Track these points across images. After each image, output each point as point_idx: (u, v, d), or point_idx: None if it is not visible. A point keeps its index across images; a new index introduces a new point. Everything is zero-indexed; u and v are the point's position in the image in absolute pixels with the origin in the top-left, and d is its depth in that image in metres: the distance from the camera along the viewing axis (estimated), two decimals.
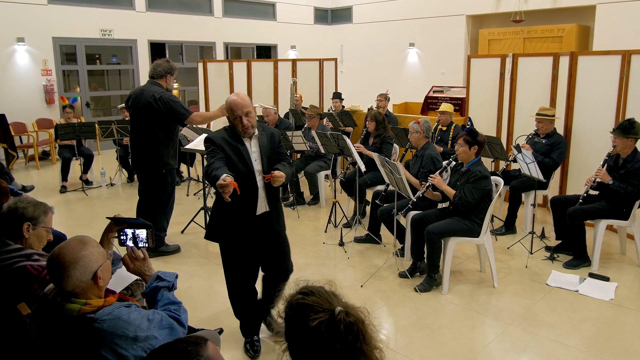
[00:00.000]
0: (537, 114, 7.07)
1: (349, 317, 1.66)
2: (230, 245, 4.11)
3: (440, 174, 5.66)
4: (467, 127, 7.89)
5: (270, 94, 11.82)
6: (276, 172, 3.86)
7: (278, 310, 1.81)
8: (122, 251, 3.12)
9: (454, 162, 5.65)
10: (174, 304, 2.75)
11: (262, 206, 4.07)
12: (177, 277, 2.93)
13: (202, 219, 7.34)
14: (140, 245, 2.96)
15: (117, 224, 3.06)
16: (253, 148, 4.01)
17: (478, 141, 5.36)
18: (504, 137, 8.38)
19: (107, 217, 3.16)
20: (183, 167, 10.49)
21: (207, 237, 4.18)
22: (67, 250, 2.43)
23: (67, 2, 13.15)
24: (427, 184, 5.59)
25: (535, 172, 6.13)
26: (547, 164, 6.77)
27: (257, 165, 4.01)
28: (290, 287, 1.84)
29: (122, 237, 3.01)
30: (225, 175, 3.53)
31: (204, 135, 7.27)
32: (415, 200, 5.72)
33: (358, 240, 6.80)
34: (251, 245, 4.10)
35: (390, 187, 6.27)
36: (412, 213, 5.82)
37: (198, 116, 6.27)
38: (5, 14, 12.25)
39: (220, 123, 9.35)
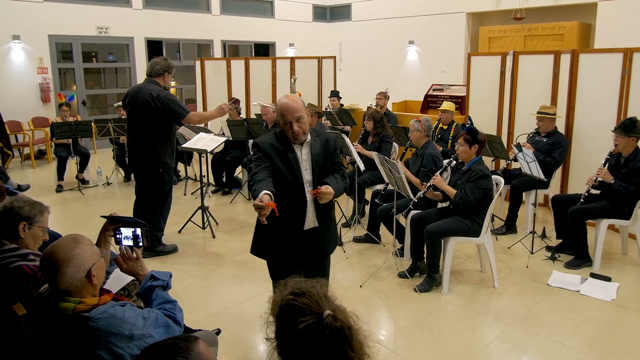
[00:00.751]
0: (538, 113, 7.07)
1: (336, 322, 1.66)
2: (277, 262, 3.88)
3: (440, 173, 5.66)
4: (467, 126, 7.89)
5: (268, 93, 11.82)
6: (323, 188, 3.49)
7: (270, 307, 1.82)
8: (119, 250, 3.12)
9: (454, 162, 5.65)
10: (169, 302, 2.75)
11: (310, 221, 3.76)
12: (171, 276, 2.93)
13: (200, 218, 7.34)
14: (133, 244, 2.96)
15: (112, 223, 3.06)
16: (304, 156, 3.67)
17: (478, 140, 5.36)
18: (504, 136, 8.37)
19: (102, 216, 3.16)
20: (180, 166, 10.49)
21: (252, 251, 3.99)
22: (60, 248, 2.43)
23: None
24: (428, 184, 5.59)
25: (536, 171, 6.13)
26: (548, 163, 6.77)
27: (307, 176, 3.68)
28: (283, 285, 1.85)
29: (117, 236, 3.01)
30: (263, 193, 3.22)
31: (202, 134, 7.32)
32: (416, 200, 5.72)
33: (357, 240, 6.79)
34: (298, 262, 3.84)
35: (390, 187, 6.28)
36: (412, 212, 5.82)
37: (195, 116, 6.27)
38: (1, 11, 12.23)
39: (217, 122, 9.36)
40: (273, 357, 1.77)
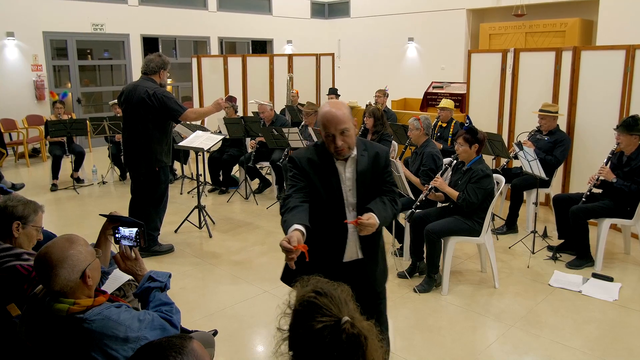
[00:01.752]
0: (540, 111, 7.07)
1: (354, 329, 1.68)
2: None
3: (441, 174, 5.66)
4: (466, 125, 7.89)
5: (266, 90, 11.83)
6: (365, 218, 2.98)
7: (289, 300, 1.84)
8: (119, 249, 3.12)
9: (455, 161, 5.65)
10: (166, 304, 2.75)
11: (352, 251, 3.25)
12: (170, 276, 2.93)
13: (196, 217, 7.33)
14: (132, 244, 2.96)
15: (112, 222, 3.06)
16: (347, 174, 3.16)
17: (478, 139, 5.35)
18: (505, 134, 8.37)
19: (100, 214, 3.15)
20: (177, 165, 10.47)
21: (283, 279, 3.40)
22: (55, 249, 2.43)
23: None
24: (430, 187, 5.59)
25: (538, 170, 6.13)
26: (550, 162, 6.77)
27: (350, 198, 3.17)
28: (305, 281, 1.87)
29: (116, 235, 3.02)
30: (293, 229, 2.76)
31: (198, 132, 7.31)
32: (418, 203, 5.71)
33: None
34: None
35: None
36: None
37: (192, 112, 6.26)
38: None
39: (214, 120, 9.35)
40: (280, 349, 1.79)
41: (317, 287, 1.81)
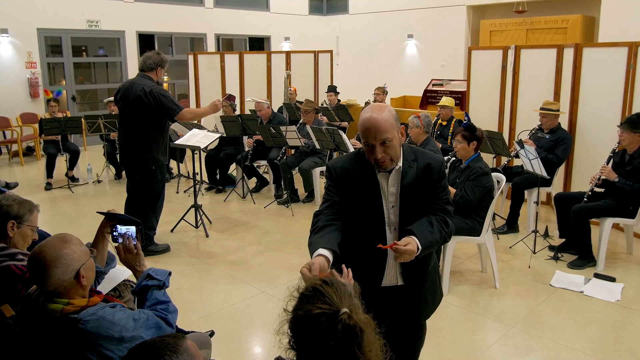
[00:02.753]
0: (541, 109, 7.07)
1: (350, 321, 1.76)
2: None
3: None
4: (464, 122, 7.89)
5: (263, 88, 11.82)
6: (402, 243, 2.61)
7: (298, 285, 1.93)
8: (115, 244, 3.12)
9: (452, 159, 5.65)
10: (162, 303, 2.76)
11: (391, 277, 2.92)
12: (170, 274, 2.93)
13: (193, 217, 7.32)
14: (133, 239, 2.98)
15: (109, 220, 3.06)
16: (390, 187, 2.80)
17: (477, 136, 5.35)
18: (506, 132, 8.38)
19: (98, 212, 3.15)
20: (173, 164, 10.46)
21: None
22: (48, 248, 2.43)
23: None
24: None
25: (539, 169, 6.13)
26: (551, 160, 6.77)
27: (392, 215, 2.83)
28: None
29: (114, 234, 3.03)
30: (317, 255, 2.51)
31: (195, 130, 7.31)
32: None
33: None
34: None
35: None
36: None
37: (189, 112, 6.26)
38: None
39: (211, 118, 9.34)
40: (283, 329, 1.88)
41: (327, 278, 1.92)
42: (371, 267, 2.85)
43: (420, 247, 2.63)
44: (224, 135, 8.74)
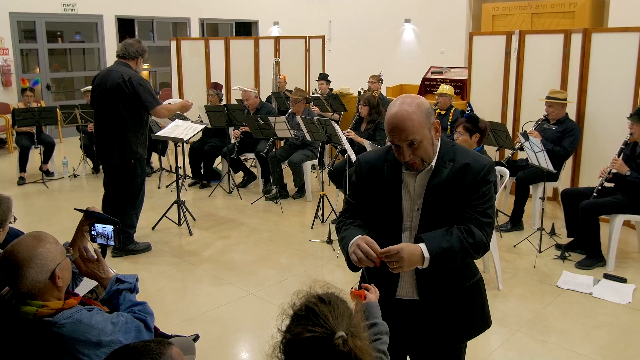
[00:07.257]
0: (547, 98, 7.06)
1: (345, 347, 1.68)
2: None
3: None
4: (467, 113, 7.88)
5: (250, 76, 11.79)
6: (394, 250, 2.40)
7: (293, 302, 1.86)
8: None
9: None
10: (138, 304, 2.75)
11: (406, 289, 2.68)
12: (137, 279, 2.90)
13: (175, 213, 7.29)
14: (105, 242, 2.94)
15: (88, 218, 3.02)
16: (417, 188, 2.59)
17: (479, 128, 5.32)
18: (509, 123, 8.37)
19: (75, 209, 3.12)
20: (154, 157, 10.41)
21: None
22: (21, 247, 2.42)
23: None
24: None
25: (545, 162, 6.12)
26: (558, 153, 6.76)
27: (414, 218, 2.61)
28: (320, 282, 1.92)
29: (92, 233, 3.01)
30: (359, 238, 2.47)
31: (178, 121, 7.26)
32: None
33: None
34: (398, 343, 2.67)
35: None
36: None
37: (164, 109, 6.27)
38: None
39: (195, 108, 9.29)
40: (275, 352, 1.80)
41: (324, 294, 1.86)
42: (386, 276, 2.62)
43: (426, 254, 2.41)
44: (209, 126, 8.70)
